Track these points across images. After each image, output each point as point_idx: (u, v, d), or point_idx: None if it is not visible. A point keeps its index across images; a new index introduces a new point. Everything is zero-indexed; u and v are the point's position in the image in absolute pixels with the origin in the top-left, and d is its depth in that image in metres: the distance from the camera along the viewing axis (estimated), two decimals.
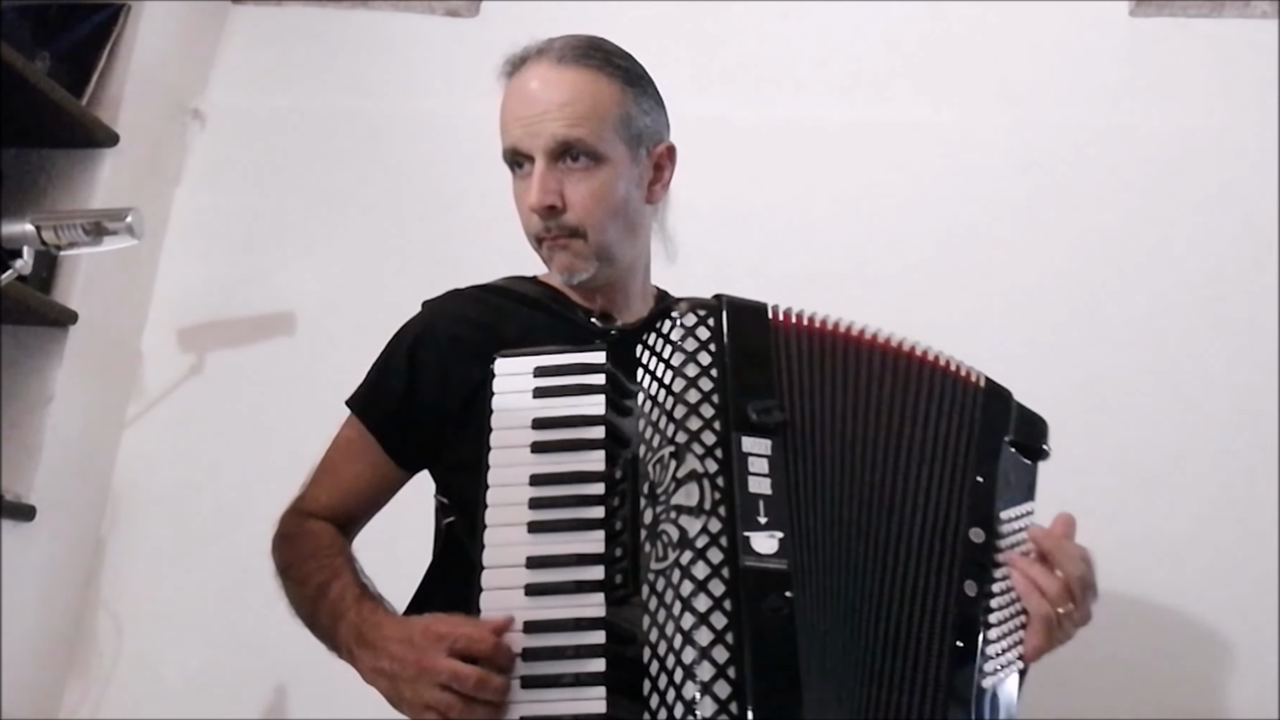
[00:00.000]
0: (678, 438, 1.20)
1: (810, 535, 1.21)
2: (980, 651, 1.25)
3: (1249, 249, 2.25)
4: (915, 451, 1.31)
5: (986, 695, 1.24)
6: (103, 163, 2.41)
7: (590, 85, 1.44)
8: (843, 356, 1.32)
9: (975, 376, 1.39)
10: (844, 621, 1.21)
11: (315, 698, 2.26)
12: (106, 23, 2.44)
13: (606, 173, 1.44)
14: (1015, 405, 1.40)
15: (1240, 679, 2.08)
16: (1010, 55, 2.44)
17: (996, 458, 1.34)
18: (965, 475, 1.32)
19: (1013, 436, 1.37)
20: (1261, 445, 2.16)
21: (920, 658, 1.23)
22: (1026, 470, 1.38)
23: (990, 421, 1.36)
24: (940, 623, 1.25)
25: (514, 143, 1.45)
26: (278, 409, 2.45)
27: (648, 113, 1.51)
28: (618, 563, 1.19)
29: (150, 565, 2.42)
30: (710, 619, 1.12)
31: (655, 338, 1.27)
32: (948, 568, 1.28)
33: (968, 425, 1.35)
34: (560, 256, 1.47)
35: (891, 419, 1.32)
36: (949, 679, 1.23)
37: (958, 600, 1.26)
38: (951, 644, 1.24)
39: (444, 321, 1.50)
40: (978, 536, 1.29)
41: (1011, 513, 1.33)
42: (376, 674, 1.23)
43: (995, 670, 1.26)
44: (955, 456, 1.33)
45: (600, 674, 1.13)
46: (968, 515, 1.30)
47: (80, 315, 2.32)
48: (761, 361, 1.26)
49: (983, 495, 1.32)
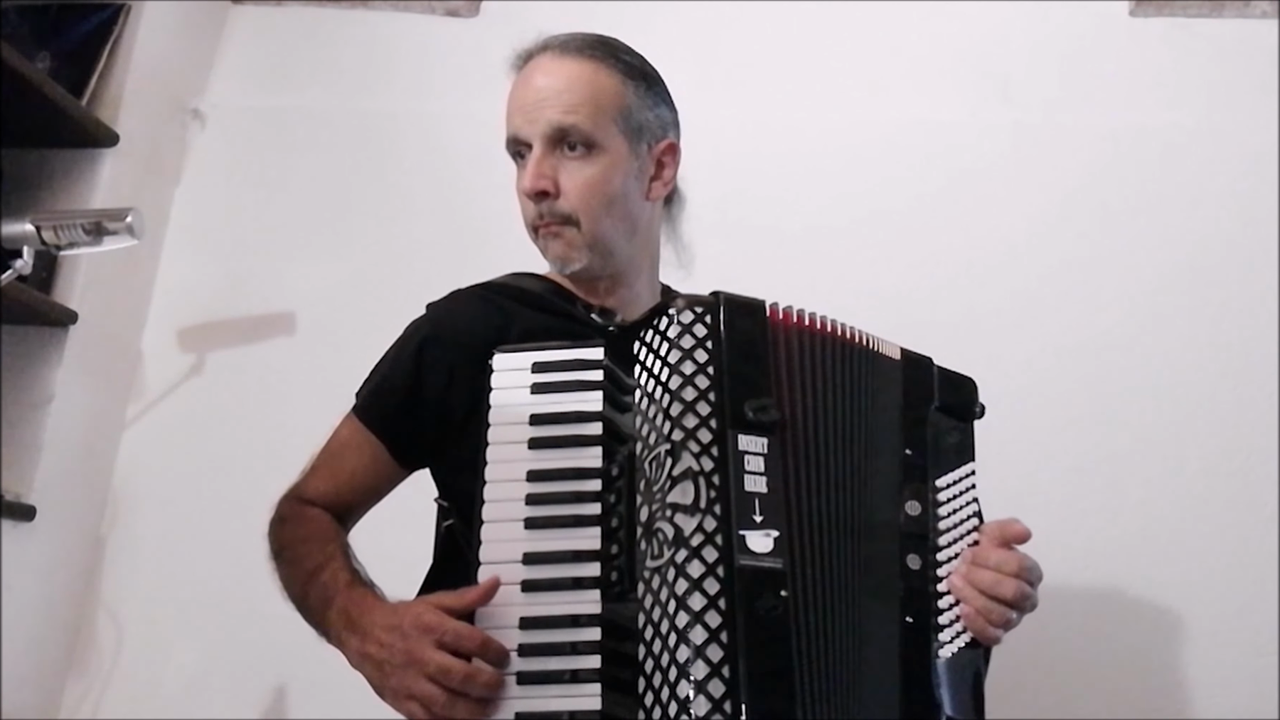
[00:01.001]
0: (674, 435, 1.20)
1: (805, 534, 1.21)
2: (932, 622, 1.25)
3: (1249, 248, 2.25)
4: (870, 439, 1.32)
5: (945, 665, 1.24)
6: (103, 163, 2.41)
7: (590, 75, 1.46)
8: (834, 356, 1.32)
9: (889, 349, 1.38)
10: (837, 619, 1.21)
11: (315, 698, 2.26)
12: (106, 23, 2.45)
13: (602, 162, 1.45)
14: (937, 370, 1.39)
15: (1239, 679, 2.08)
16: (1010, 55, 2.44)
17: (924, 426, 1.34)
18: (897, 451, 1.32)
19: (939, 402, 1.36)
20: (1261, 444, 2.16)
21: (883, 641, 1.24)
22: (960, 433, 1.37)
23: (912, 391, 1.36)
24: (892, 601, 1.25)
25: (514, 131, 1.48)
26: (278, 409, 2.45)
27: (651, 108, 1.51)
28: (614, 560, 1.19)
29: (150, 565, 2.42)
30: (705, 617, 1.11)
31: (652, 334, 1.27)
32: (894, 546, 1.28)
33: (892, 399, 1.34)
34: (554, 245, 1.48)
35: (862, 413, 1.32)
36: (905, 655, 1.23)
37: (903, 575, 1.26)
38: (901, 621, 1.24)
39: (450, 323, 1.50)
40: (914, 509, 1.29)
41: (948, 479, 1.33)
42: (363, 659, 1.22)
43: (952, 638, 1.25)
44: (889, 434, 1.33)
45: (596, 671, 1.13)
46: (903, 489, 1.30)
47: (80, 315, 2.33)
48: (758, 360, 1.26)
49: (914, 466, 1.32)
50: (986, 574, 1.26)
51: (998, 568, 1.26)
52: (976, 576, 1.27)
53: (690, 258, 1.65)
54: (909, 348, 1.39)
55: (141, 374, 2.53)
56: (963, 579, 1.27)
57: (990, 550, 1.29)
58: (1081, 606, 2.13)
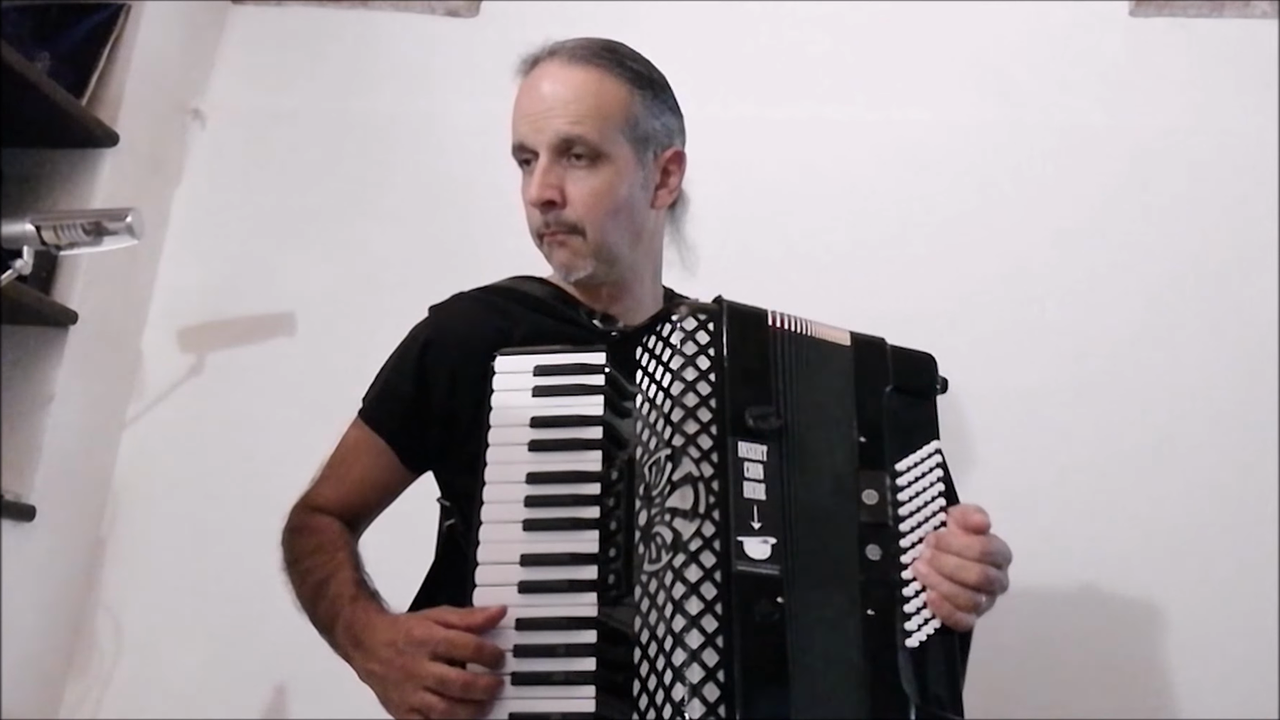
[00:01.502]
0: (674, 441, 1.20)
1: (803, 541, 1.21)
2: (898, 612, 1.23)
3: (1248, 248, 2.25)
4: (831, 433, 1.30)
5: (912, 654, 1.22)
6: (103, 163, 2.41)
7: (596, 84, 1.46)
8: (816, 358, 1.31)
9: (840, 337, 1.35)
10: (832, 627, 1.20)
11: (315, 698, 2.26)
12: (106, 23, 2.44)
13: (609, 172, 1.45)
14: (890, 350, 1.36)
15: (1239, 679, 2.08)
16: (1010, 55, 2.44)
17: (879, 410, 1.32)
18: (850, 438, 1.30)
19: (894, 383, 1.34)
20: (1262, 444, 2.16)
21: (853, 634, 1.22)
22: (921, 412, 1.34)
23: (865, 376, 1.33)
24: (852, 594, 1.23)
25: (520, 139, 1.47)
26: (278, 409, 2.45)
27: (657, 116, 1.51)
28: (611, 563, 1.20)
29: (150, 565, 2.42)
30: (701, 622, 1.12)
31: (654, 340, 1.27)
32: (853, 537, 1.26)
33: (846, 386, 1.32)
34: (559, 253, 1.48)
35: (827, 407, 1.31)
36: (867, 650, 1.21)
37: (862, 567, 1.25)
38: (863, 614, 1.22)
39: (453, 326, 1.51)
40: (871, 498, 1.27)
41: (909, 461, 1.31)
42: (368, 675, 1.25)
43: (919, 626, 1.24)
44: (842, 423, 1.31)
45: (591, 673, 1.14)
46: (859, 478, 1.28)
47: (80, 315, 2.33)
48: (760, 367, 1.26)
49: (870, 453, 1.30)
50: (950, 559, 1.24)
51: (961, 553, 1.24)
52: (940, 562, 1.25)
53: (695, 259, 1.65)
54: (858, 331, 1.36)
55: (141, 374, 2.53)
56: (926, 564, 1.25)
57: (954, 535, 1.27)
58: (1081, 607, 2.13)
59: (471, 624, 1.18)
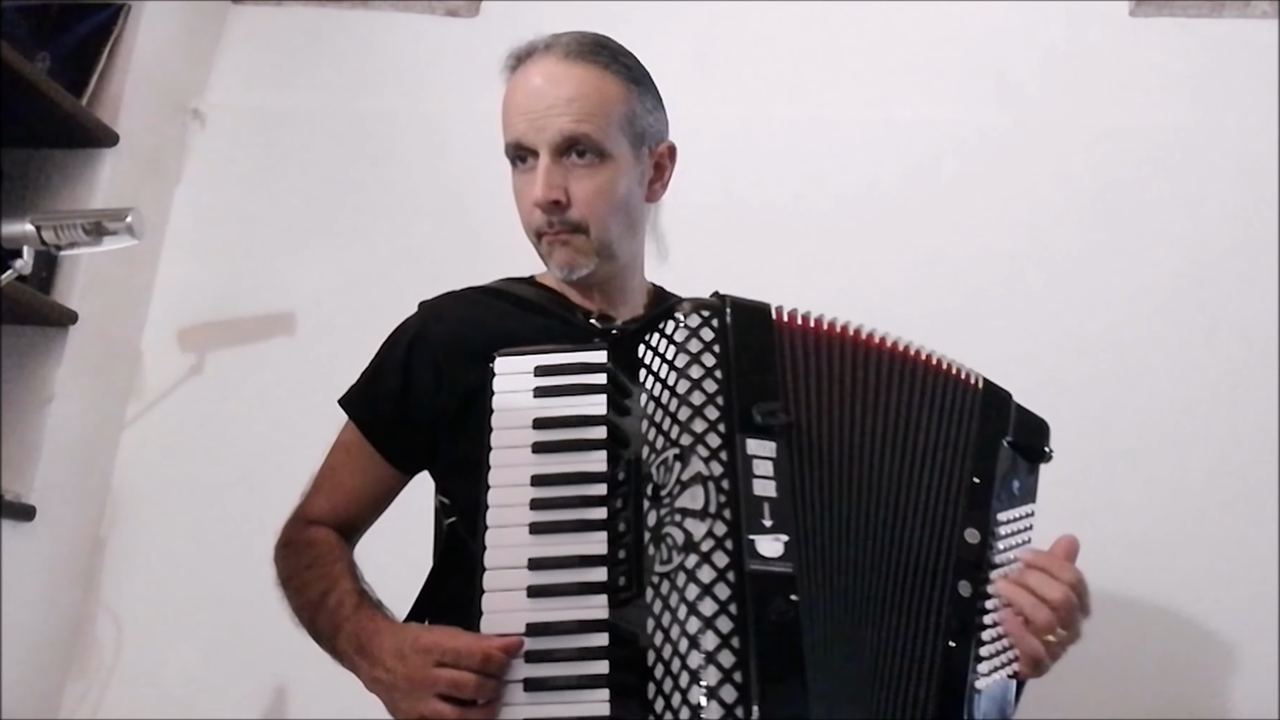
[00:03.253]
0: (682, 440, 1.19)
1: (815, 538, 1.21)
2: (974, 652, 1.25)
3: (1249, 248, 2.25)
4: (914, 453, 1.31)
5: (981, 695, 1.24)
6: (103, 163, 2.40)
7: (597, 82, 1.45)
8: (845, 358, 1.31)
9: (974, 378, 1.38)
10: (848, 625, 1.20)
11: (315, 698, 2.26)
12: (106, 23, 2.44)
13: (610, 170, 1.45)
14: (1014, 406, 1.39)
15: (1240, 679, 2.08)
16: (1010, 55, 2.44)
17: (994, 458, 1.34)
18: (962, 476, 1.32)
19: (1012, 438, 1.36)
20: (1262, 444, 2.16)
21: (917, 658, 1.23)
22: (1026, 472, 1.37)
23: (988, 423, 1.36)
24: (935, 623, 1.25)
25: (518, 137, 1.45)
26: (278, 409, 2.45)
27: (650, 111, 1.51)
28: (620, 564, 1.18)
29: (150, 565, 2.41)
30: (716, 623, 1.11)
31: (658, 338, 1.26)
32: (943, 568, 1.27)
33: (965, 426, 1.34)
34: (561, 252, 1.47)
35: (892, 421, 1.31)
36: (942, 679, 1.23)
37: (952, 601, 1.26)
38: (945, 644, 1.24)
39: (439, 322, 1.50)
40: (973, 537, 1.29)
41: (1010, 514, 1.33)
42: (374, 683, 1.24)
43: (990, 671, 1.25)
44: (953, 457, 1.32)
45: (603, 677, 1.13)
46: (964, 516, 1.30)
47: (80, 315, 2.32)
48: (766, 363, 1.25)
49: (979, 496, 1.31)
50: (1036, 575, 1.27)
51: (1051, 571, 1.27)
52: (1026, 576, 1.27)
53: (667, 249, 1.64)
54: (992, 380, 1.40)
55: (141, 374, 2.53)
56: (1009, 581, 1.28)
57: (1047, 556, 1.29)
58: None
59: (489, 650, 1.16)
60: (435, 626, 1.25)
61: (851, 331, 1.33)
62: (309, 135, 2.63)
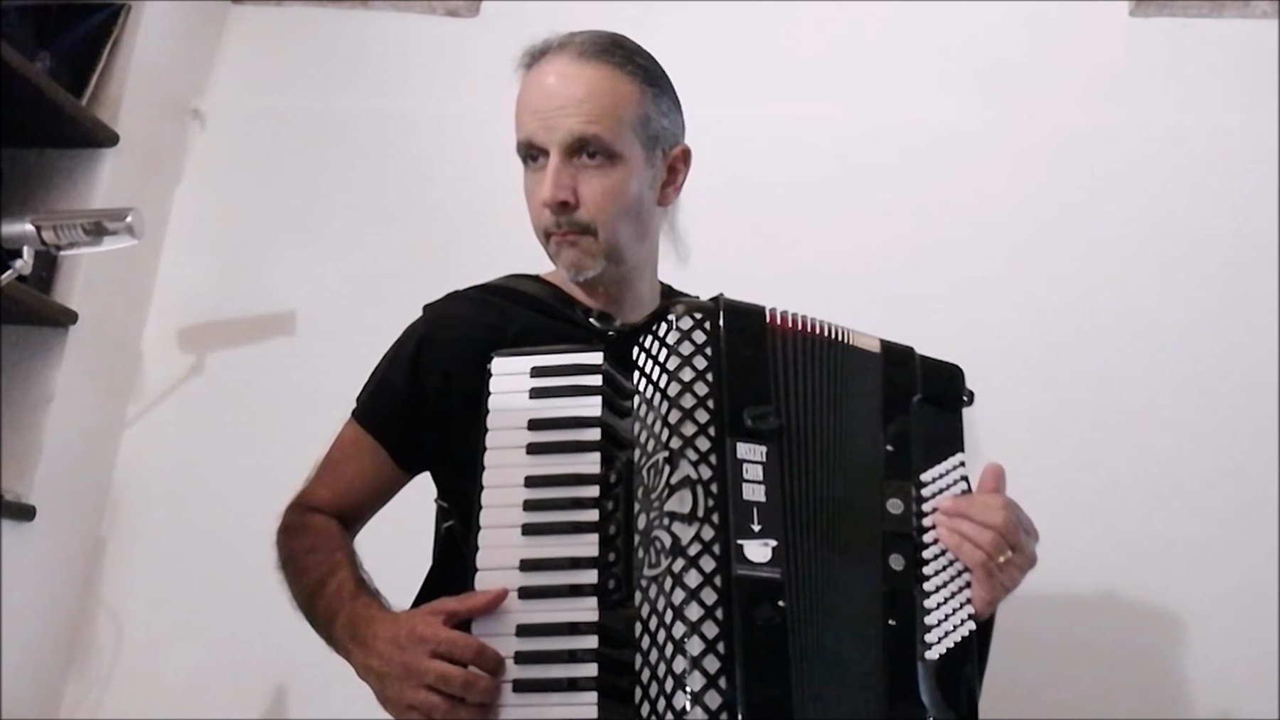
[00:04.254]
0: (672, 443, 1.19)
1: (803, 543, 1.20)
2: (919, 622, 1.24)
3: (1249, 248, 2.25)
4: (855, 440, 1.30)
5: (933, 666, 1.22)
6: (103, 163, 2.40)
7: (610, 83, 1.43)
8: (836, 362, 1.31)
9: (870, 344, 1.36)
10: (834, 629, 1.20)
11: (315, 698, 2.26)
12: (106, 23, 2.44)
13: (621, 171, 1.43)
14: (919, 360, 1.36)
15: (1240, 679, 2.08)
16: (1010, 55, 2.44)
17: (906, 420, 1.32)
18: (877, 446, 1.31)
19: (921, 394, 1.34)
20: (1262, 444, 2.16)
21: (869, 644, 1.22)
22: (947, 423, 1.35)
23: (894, 385, 1.33)
24: (874, 604, 1.24)
25: (529, 136, 1.44)
26: (278, 409, 2.45)
27: (665, 114, 1.49)
28: (611, 567, 1.18)
29: (150, 565, 2.42)
30: (702, 628, 1.11)
31: (651, 340, 1.26)
32: (876, 546, 1.26)
33: (873, 394, 1.33)
34: (568, 253, 1.45)
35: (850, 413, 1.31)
36: (887, 662, 1.21)
37: (885, 577, 1.25)
38: (884, 624, 1.23)
39: (447, 325, 1.50)
40: (895, 507, 1.28)
41: (934, 472, 1.31)
42: (366, 671, 1.24)
43: (940, 639, 1.24)
44: (869, 431, 1.31)
45: (592, 679, 1.13)
46: (884, 487, 1.29)
47: (80, 315, 2.32)
48: (758, 366, 1.25)
49: (896, 462, 1.30)
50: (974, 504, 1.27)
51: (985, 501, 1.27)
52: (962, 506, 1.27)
53: (687, 250, 1.63)
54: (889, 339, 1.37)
55: (141, 374, 2.53)
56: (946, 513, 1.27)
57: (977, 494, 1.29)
58: (1081, 607, 2.13)
59: (474, 606, 1.17)
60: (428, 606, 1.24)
61: (842, 335, 1.33)
62: (309, 135, 2.63)
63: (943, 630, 1.24)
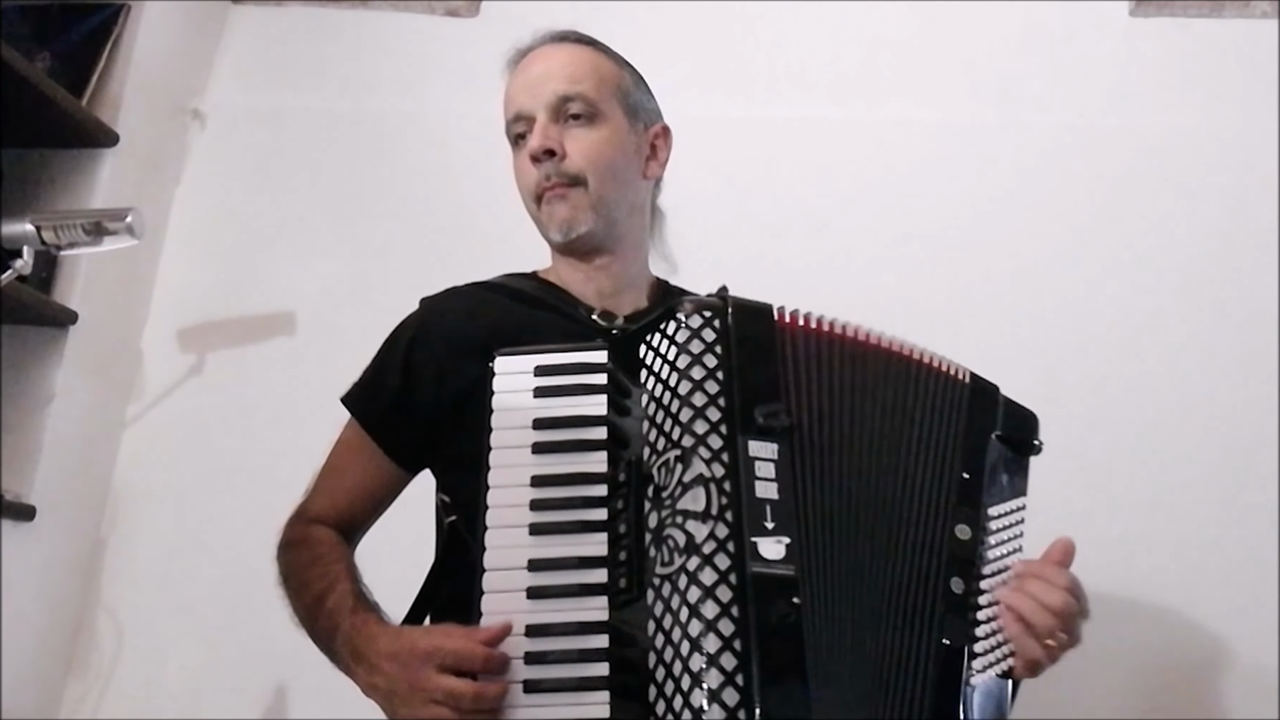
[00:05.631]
0: (684, 441, 1.19)
1: (817, 540, 1.20)
2: (969, 649, 1.25)
3: (1248, 248, 2.25)
4: (909, 451, 1.31)
5: (976, 692, 1.23)
6: (103, 163, 2.40)
7: (589, 56, 1.52)
8: (845, 360, 1.31)
9: (960, 373, 1.38)
10: (850, 627, 1.20)
11: (315, 698, 2.25)
12: (106, 23, 2.44)
13: (606, 129, 1.49)
14: (1003, 400, 1.39)
15: (1239, 679, 2.08)
16: (1010, 55, 2.44)
17: (983, 453, 1.34)
18: (952, 471, 1.31)
19: (1000, 431, 1.36)
20: (1262, 444, 2.16)
21: (912, 657, 1.23)
22: (1017, 465, 1.36)
23: (976, 417, 1.35)
24: (929, 621, 1.24)
25: (517, 108, 1.50)
26: (278, 409, 2.45)
27: (644, 94, 1.57)
28: (621, 566, 1.18)
29: (150, 565, 2.41)
30: (718, 625, 1.10)
31: (659, 338, 1.26)
32: (935, 565, 1.27)
33: (954, 421, 1.34)
34: (560, 208, 1.48)
35: (889, 421, 1.31)
36: (937, 677, 1.22)
37: (945, 598, 1.25)
38: (939, 642, 1.24)
39: (440, 318, 1.50)
40: (963, 533, 1.29)
41: (1001, 509, 1.33)
42: (371, 689, 1.24)
43: (985, 667, 1.25)
44: (943, 453, 1.32)
45: (604, 679, 1.13)
46: (954, 512, 1.29)
47: (80, 315, 2.32)
48: (768, 364, 1.25)
49: (969, 491, 1.31)
50: (1036, 583, 1.26)
51: (1048, 578, 1.26)
52: (1025, 584, 1.27)
53: (674, 268, 1.66)
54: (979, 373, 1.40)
55: (141, 374, 2.52)
56: (1010, 590, 1.27)
57: (1041, 564, 1.29)
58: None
59: (480, 640, 1.16)
60: (432, 628, 1.25)
61: (851, 332, 1.33)
62: (309, 135, 2.63)
63: (988, 660, 1.25)
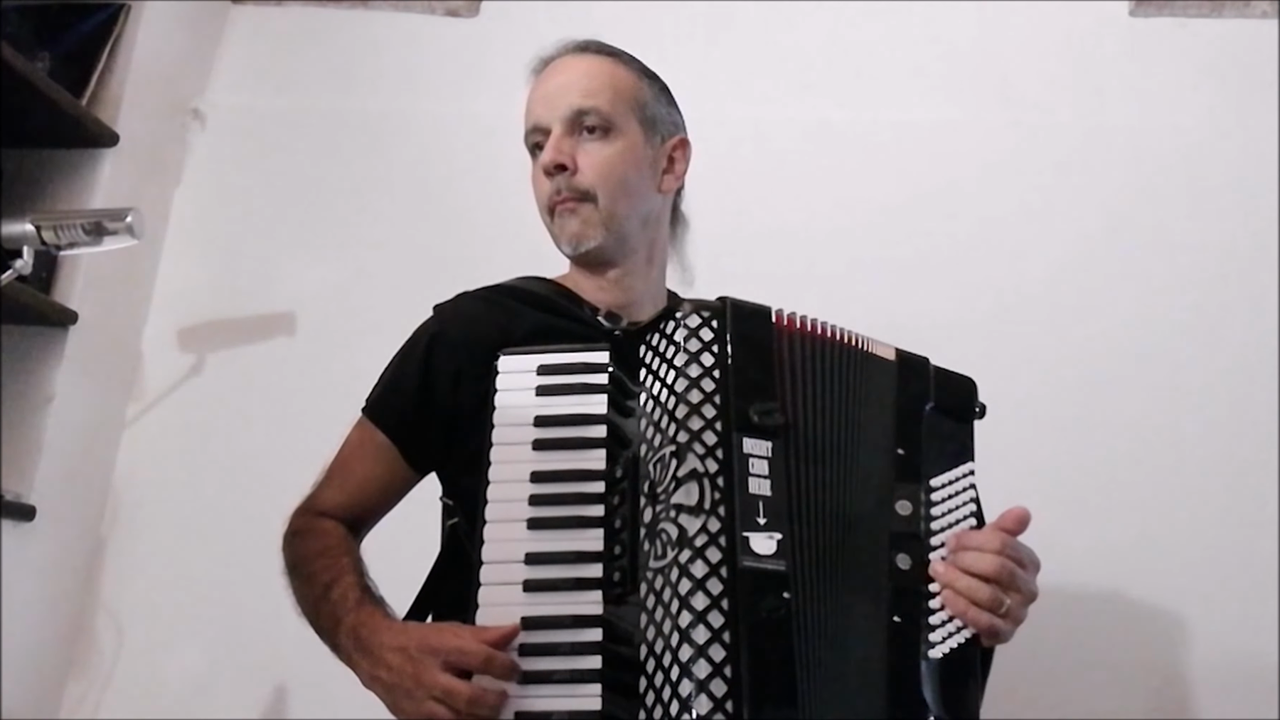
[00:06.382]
0: (679, 437, 1.20)
1: (808, 536, 1.21)
2: (923, 623, 1.24)
3: (1248, 248, 2.25)
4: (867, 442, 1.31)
5: (937, 665, 1.23)
6: (103, 163, 2.41)
7: (608, 68, 1.53)
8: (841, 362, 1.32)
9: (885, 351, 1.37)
10: (838, 621, 1.21)
11: (315, 698, 2.26)
12: (106, 23, 2.44)
13: (619, 144, 1.50)
14: (933, 370, 1.38)
15: (1239, 679, 2.08)
16: (1010, 55, 2.45)
17: (918, 426, 1.34)
18: (890, 450, 1.32)
19: (935, 401, 1.36)
20: (1262, 444, 2.16)
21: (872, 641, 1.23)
22: (958, 432, 1.36)
23: (907, 391, 1.35)
24: (879, 601, 1.24)
25: (534, 120, 1.52)
26: (278, 409, 2.45)
27: (662, 106, 1.57)
28: (616, 560, 1.19)
29: (150, 565, 2.42)
30: (708, 618, 1.12)
31: (658, 338, 1.27)
32: (884, 545, 1.27)
33: (888, 400, 1.34)
34: (570, 222, 1.50)
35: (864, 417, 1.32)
36: (890, 657, 1.22)
37: (890, 575, 1.26)
38: (889, 621, 1.24)
39: (457, 324, 1.51)
40: (904, 509, 1.29)
41: (945, 478, 1.32)
42: (374, 681, 1.24)
43: (944, 638, 1.24)
44: (882, 434, 1.32)
45: (596, 671, 1.14)
46: (895, 490, 1.30)
47: (80, 315, 2.33)
48: (763, 364, 1.26)
49: (906, 466, 1.31)
50: (968, 554, 1.25)
51: (979, 546, 1.25)
52: (958, 558, 1.26)
53: (692, 278, 1.68)
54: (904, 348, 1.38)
55: (141, 374, 2.53)
56: (945, 565, 1.26)
57: (975, 532, 1.28)
58: (1081, 607, 2.13)
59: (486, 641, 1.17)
60: (440, 624, 1.26)
61: (847, 338, 1.34)
62: (309, 135, 2.63)
63: (946, 631, 1.25)
